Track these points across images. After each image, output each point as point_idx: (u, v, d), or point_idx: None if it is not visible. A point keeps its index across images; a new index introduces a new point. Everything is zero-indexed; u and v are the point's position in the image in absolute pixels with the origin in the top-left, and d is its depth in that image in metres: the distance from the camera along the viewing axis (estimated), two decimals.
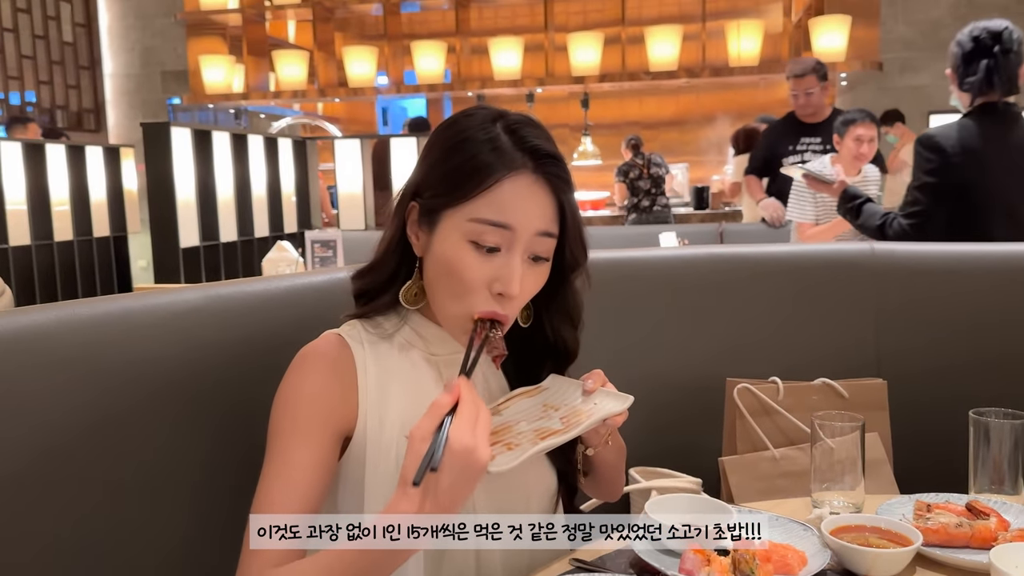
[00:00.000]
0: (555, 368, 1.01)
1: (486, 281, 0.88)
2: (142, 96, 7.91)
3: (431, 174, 0.92)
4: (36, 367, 0.90)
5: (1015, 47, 2.14)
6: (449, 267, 0.89)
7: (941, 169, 2.12)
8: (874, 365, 1.45)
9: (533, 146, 0.90)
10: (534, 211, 0.89)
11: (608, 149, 7.26)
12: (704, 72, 6.10)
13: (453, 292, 0.90)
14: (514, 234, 0.88)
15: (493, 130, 0.90)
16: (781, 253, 1.54)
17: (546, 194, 0.90)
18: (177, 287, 1.11)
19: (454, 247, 0.89)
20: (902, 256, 1.51)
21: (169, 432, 1.01)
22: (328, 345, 0.94)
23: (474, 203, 0.88)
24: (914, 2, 6.74)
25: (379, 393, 0.93)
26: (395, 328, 0.98)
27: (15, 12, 6.92)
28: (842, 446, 1.08)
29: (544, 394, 0.97)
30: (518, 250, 0.88)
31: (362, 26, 7.97)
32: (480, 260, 0.88)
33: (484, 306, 0.89)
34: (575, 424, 0.88)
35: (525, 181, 0.89)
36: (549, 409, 0.93)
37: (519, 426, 0.90)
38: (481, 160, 0.88)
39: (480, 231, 0.88)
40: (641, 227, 4.71)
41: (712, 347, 1.46)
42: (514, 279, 0.88)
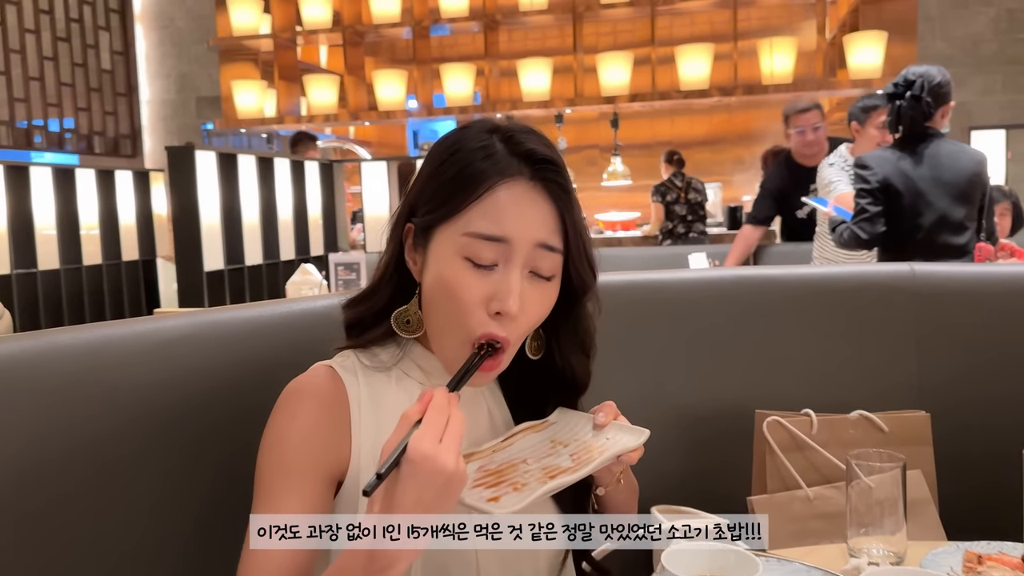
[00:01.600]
0: (564, 400, 0.93)
1: (483, 300, 0.81)
2: (177, 122, 8.02)
3: (425, 190, 0.86)
4: (14, 397, 0.85)
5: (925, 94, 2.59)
6: (444, 287, 0.82)
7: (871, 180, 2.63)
8: (915, 396, 1.35)
9: (528, 150, 0.83)
10: (531, 221, 0.81)
11: (638, 170, 7.18)
12: (737, 90, 6.00)
13: (449, 315, 0.83)
14: (511, 247, 0.81)
15: (488, 139, 0.83)
16: (814, 275, 1.45)
17: (545, 203, 0.83)
18: (163, 314, 1.05)
19: (448, 265, 0.82)
20: (944, 277, 1.41)
21: (155, 467, 0.95)
22: (318, 379, 0.87)
23: (467, 215, 0.81)
24: (952, 18, 6.60)
25: (375, 430, 0.86)
26: (393, 360, 0.90)
27: (55, 41, 7.06)
28: (881, 485, 0.98)
29: (552, 429, 0.89)
30: (516, 264, 0.81)
31: (392, 50, 8.01)
32: (476, 277, 0.81)
33: (482, 327, 0.81)
34: (587, 461, 0.81)
35: (520, 188, 0.82)
36: (558, 445, 0.86)
37: (526, 464, 0.83)
38: (473, 168, 0.81)
39: (474, 246, 0.80)
40: (670, 248, 4.61)
41: (740, 376, 1.37)
42: (511, 294, 0.80)
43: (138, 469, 0.93)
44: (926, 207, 2.60)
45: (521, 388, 0.95)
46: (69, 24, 7.23)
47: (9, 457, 0.83)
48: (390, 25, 6.53)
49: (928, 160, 2.61)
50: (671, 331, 1.39)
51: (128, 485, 0.92)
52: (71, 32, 7.25)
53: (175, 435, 0.97)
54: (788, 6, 6.72)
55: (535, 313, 0.85)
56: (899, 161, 2.62)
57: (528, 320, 0.84)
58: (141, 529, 0.93)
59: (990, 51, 6.62)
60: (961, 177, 2.61)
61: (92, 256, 4.81)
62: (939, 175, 2.60)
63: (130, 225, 5.20)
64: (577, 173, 7.43)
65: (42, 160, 6.34)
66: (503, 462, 0.83)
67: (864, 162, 2.68)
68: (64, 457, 0.87)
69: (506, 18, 6.47)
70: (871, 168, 2.64)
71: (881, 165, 2.63)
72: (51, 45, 7.02)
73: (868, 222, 2.63)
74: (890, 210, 2.62)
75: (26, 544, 0.83)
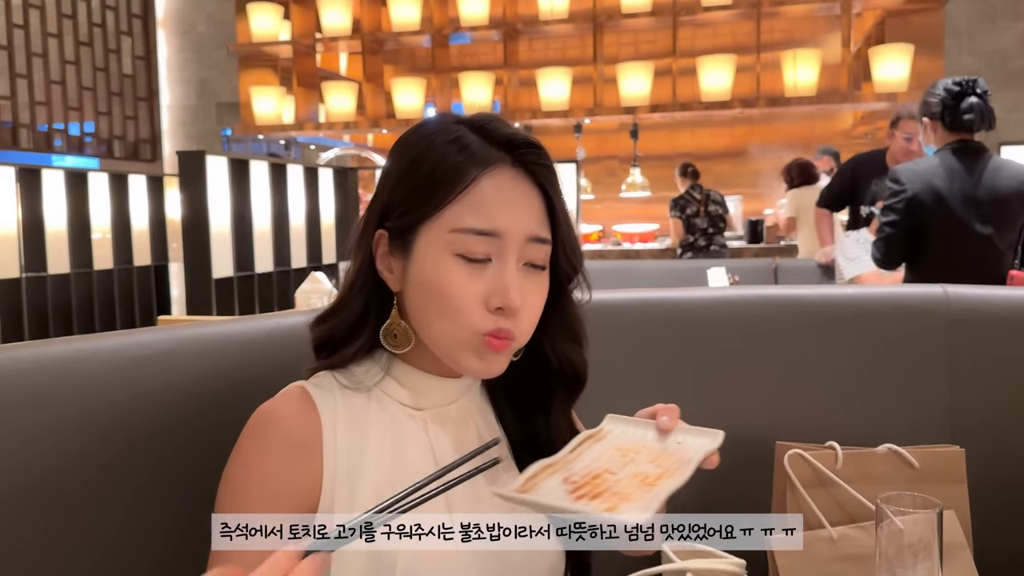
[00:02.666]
0: (567, 397, 0.88)
1: (481, 297, 0.76)
2: (197, 127, 8.04)
3: (396, 193, 0.79)
4: None
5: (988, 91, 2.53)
6: (435, 288, 0.76)
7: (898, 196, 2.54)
8: (948, 429, 1.25)
9: (506, 136, 0.78)
10: (521, 211, 0.77)
11: (658, 181, 7.09)
12: (759, 102, 5.91)
13: (444, 317, 0.77)
14: (503, 241, 0.76)
15: (459, 130, 0.78)
16: (840, 296, 1.36)
17: (531, 189, 0.79)
18: (137, 331, 0.99)
19: (437, 264, 0.76)
20: (980, 300, 1.32)
21: (128, 497, 0.88)
22: (287, 406, 0.79)
23: (452, 210, 0.76)
24: (980, 32, 6.48)
25: (352, 457, 0.78)
26: (372, 379, 0.83)
27: (77, 45, 7.10)
28: (914, 528, 0.90)
29: (611, 438, 0.82)
30: (510, 256, 0.77)
31: (412, 58, 7.99)
32: (469, 274, 0.76)
33: (487, 324, 0.76)
34: (676, 465, 0.75)
35: (505, 176, 0.77)
36: (629, 453, 0.79)
37: (611, 474, 0.75)
38: (451, 162, 0.76)
39: (465, 242, 0.75)
40: (688, 261, 4.53)
41: (759, 404, 1.28)
42: (512, 287, 0.76)
43: (107, 492, 0.87)
44: (957, 228, 2.48)
45: (519, 396, 0.88)
46: (92, 29, 7.27)
47: None
48: (410, 33, 6.51)
49: (965, 176, 2.48)
50: (686, 353, 1.31)
51: (97, 508, 0.86)
52: (93, 37, 7.28)
53: (147, 455, 0.90)
54: (812, 18, 6.63)
55: (535, 304, 0.81)
56: (933, 177, 2.49)
57: (530, 313, 0.80)
58: (112, 551, 0.86)
59: (1019, 66, 6.49)
60: (998, 196, 2.48)
61: (103, 260, 4.79)
62: (974, 193, 2.47)
63: (143, 230, 5.19)
64: (595, 184, 7.35)
65: (62, 163, 6.36)
66: (585, 473, 0.76)
67: (896, 176, 2.55)
68: (24, 487, 0.81)
69: (526, 27, 6.42)
70: (902, 184, 2.52)
71: (913, 182, 2.51)
72: (73, 49, 7.06)
73: (885, 242, 2.54)
74: (918, 228, 2.51)
75: None
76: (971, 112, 2.49)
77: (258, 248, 3.85)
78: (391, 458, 0.80)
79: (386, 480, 0.78)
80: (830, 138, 7.04)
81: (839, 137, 7.17)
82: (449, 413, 0.85)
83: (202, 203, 3.40)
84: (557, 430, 0.88)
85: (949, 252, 2.50)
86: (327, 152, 7.51)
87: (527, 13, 6.53)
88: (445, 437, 0.83)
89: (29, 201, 4.27)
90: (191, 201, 3.42)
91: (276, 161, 3.95)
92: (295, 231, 4.18)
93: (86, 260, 4.64)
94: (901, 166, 2.63)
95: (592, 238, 7.17)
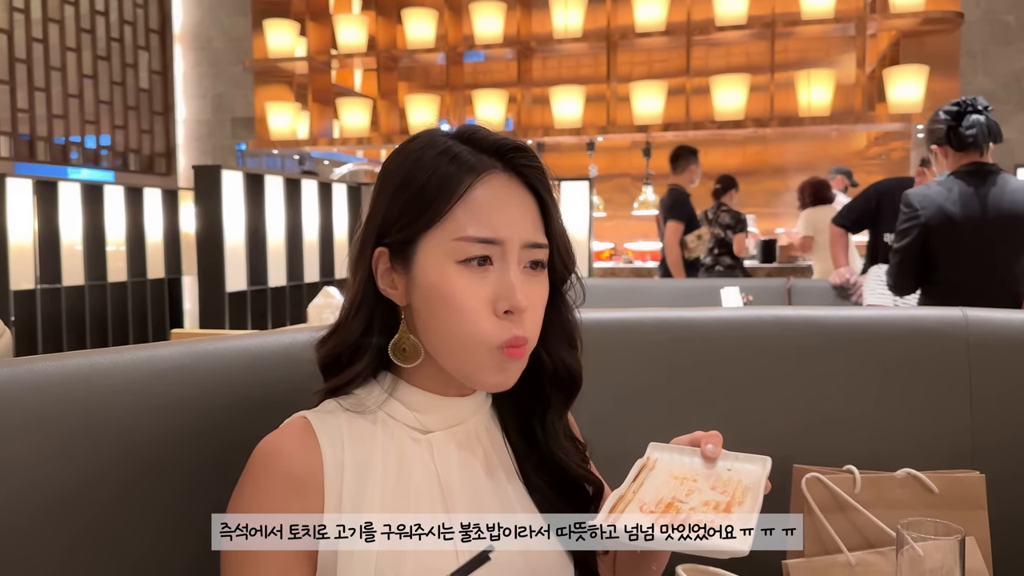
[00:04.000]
0: (563, 401, 0.87)
1: (487, 301, 0.77)
2: (212, 141, 8.09)
3: (391, 209, 0.80)
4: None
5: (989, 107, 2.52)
6: (442, 296, 0.77)
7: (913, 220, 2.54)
8: (968, 454, 1.24)
9: (494, 142, 0.79)
10: (518, 217, 0.78)
11: None
12: (772, 122, 5.91)
13: (452, 324, 0.77)
14: (503, 246, 0.77)
15: (447, 142, 0.80)
16: (860, 318, 1.35)
17: (524, 192, 0.80)
18: (154, 345, 0.99)
19: (440, 273, 0.77)
20: (1001, 325, 1.30)
21: (148, 509, 0.88)
22: (288, 441, 0.79)
23: (451, 219, 0.77)
24: (996, 54, 6.46)
25: (355, 487, 0.78)
26: (377, 402, 0.82)
27: (95, 60, 7.17)
28: (935, 554, 0.88)
29: (662, 465, 0.83)
30: (512, 259, 0.78)
31: (426, 75, 8.03)
32: (473, 279, 0.77)
33: (500, 333, 0.77)
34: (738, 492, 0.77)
35: (498, 181, 0.79)
36: (686, 481, 0.80)
37: (681, 502, 0.77)
38: (443, 172, 0.77)
39: (466, 249, 0.77)
40: (702, 280, 4.51)
41: (776, 428, 1.27)
42: (516, 289, 0.76)
43: (123, 504, 0.86)
44: (969, 251, 2.47)
45: (516, 404, 0.88)
46: (110, 43, 7.35)
47: None
48: (424, 51, 6.55)
49: (977, 199, 2.46)
50: (702, 373, 1.30)
51: (117, 520, 0.85)
52: (111, 51, 7.36)
53: (163, 468, 0.90)
54: (827, 38, 6.63)
55: (540, 304, 0.81)
56: (945, 201, 2.48)
57: (536, 314, 0.80)
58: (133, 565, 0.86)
59: None
60: (1012, 218, 2.46)
61: (117, 273, 4.82)
62: (986, 216, 2.46)
63: (157, 243, 5.21)
64: (607, 201, 7.35)
65: (78, 176, 6.41)
66: (658, 502, 0.77)
67: (908, 201, 2.54)
68: (40, 503, 0.80)
69: (540, 45, 6.45)
70: (914, 209, 2.51)
71: (925, 207, 2.50)
72: (91, 63, 7.13)
73: (897, 267, 2.53)
74: (930, 252, 2.50)
75: None
76: (973, 128, 2.48)
77: (271, 262, 3.86)
78: (394, 486, 0.79)
79: (391, 508, 0.78)
80: (843, 158, 7.03)
81: (853, 157, 7.16)
82: (455, 435, 0.84)
83: (217, 217, 3.41)
84: (553, 437, 0.87)
85: (962, 275, 2.49)
86: (340, 167, 7.55)
87: (541, 32, 6.56)
88: (451, 463, 0.82)
89: (45, 213, 4.30)
90: (206, 215, 3.44)
91: (291, 176, 3.96)
92: (308, 246, 4.19)
93: (100, 272, 4.66)
94: (913, 190, 2.62)
95: (604, 255, 7.16)
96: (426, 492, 0.80)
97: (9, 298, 4.01)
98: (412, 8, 6.56)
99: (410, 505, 0.79)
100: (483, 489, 0.83)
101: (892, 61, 5.97)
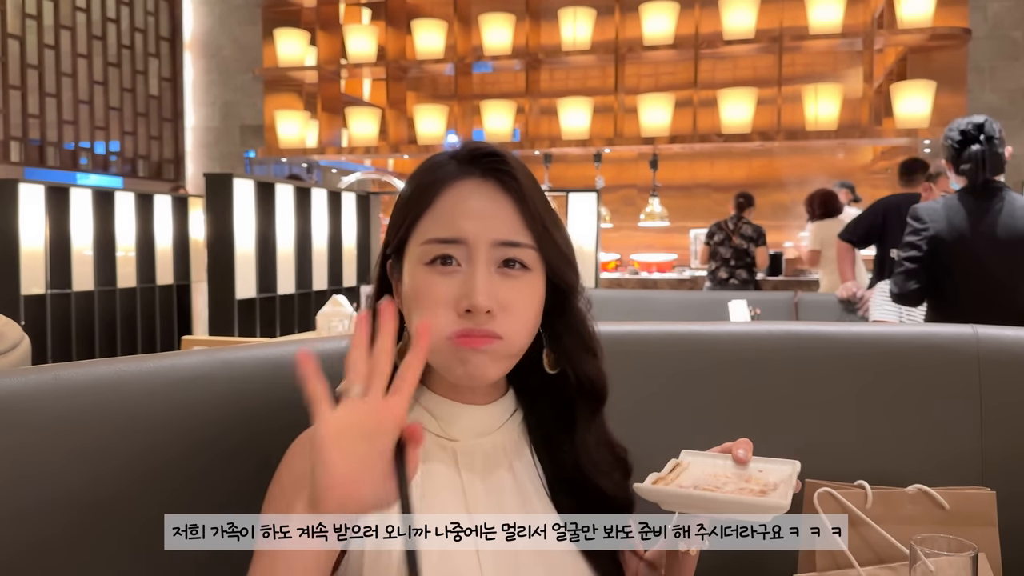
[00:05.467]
0: (590, 413, 0.88)
1: (451, 300, 0.78)
2: (221, 149, 8.13)
3: (391, 223, 0.86)
4: (16, 436, 0.80)
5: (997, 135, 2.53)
6: (415, 298, 0.80)
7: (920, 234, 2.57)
8: (978, 469, 1.25)
9: (471, 150, 0.82)
10: (485, 216, 0.80)
11: (676, 211, 7.11)
12: (779, 135, 5.93)
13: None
14: (468, 247, 0.79)
15: (439, 158, 0.84)
16: (870, 334, 1.36)
17: (502, 197, 0.81)
18: (177, 353, 1.00)
19: (414, 276, 0.81)
20: (1011, 342, 1.31)
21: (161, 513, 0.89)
22: None
23: (422, 225, 0.81)
24: (1002, 70, 6.48)
25: None
26: None
27: (106, 66, 7.22)
28: (947, 570, 0.89)
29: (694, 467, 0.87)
30: (479, 261, 0.79)
31: (434, 85, 8.07)
32: (440, 280, 0.79)
33: (451, 327, 0.78)
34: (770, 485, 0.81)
35: (469, 187, 0.81)
36: (720, 477, 0.84)
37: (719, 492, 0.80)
38: (422, 184, 0.82)
39: (433, 251, 0.79)
40: (709, 293, 4.51)
41: (788, 442, 1.27)
42: (478, 290, 0.77)
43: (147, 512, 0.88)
44: (977, 267, 2.48)
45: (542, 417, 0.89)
46: (120, 50, 7.40)
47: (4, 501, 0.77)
48: (433, 61, 6.59)
49: (988, 217, 2.49)
50: (710, 388, 1.31)
51: (137, 529, 0.87)
52: (122, 58, 7.41)
53: (189, 476, 0.91)
54: (834, 53, 6.66)
55: (520, 304, 0.80)
56: (954, 216, 2.51)
57: (517, 313, 0.80)
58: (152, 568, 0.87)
59: None
60: (1019, 235, 2.47)
61: (127, 279, 4.84)
62: (994, 232, 2.48)
63: (166, 249, 5.24)
64: (613, 212, 7.37)
65: (87, 182, 6.45)
66: (696, 486, 0.81)
67: (917, 214, 2.57)
68: (65, 506, 0.82)
69: (548, 57, 6.49)
70: (923, 222, 2.54)
71: (934, 220, 2.52)
72: (102, 70, 7.18)
73: (904, 276, 2.54)
74: (938, 266, 2.51)
75: None
76: (969, 162, 2.52)
77: (281, 270, 3.88)
78: (421, 490, 0.80)
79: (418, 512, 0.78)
80: (849, 172, 7.04)
81: (858, 172, 7.17)
82: (482, 446, 0.84)
83: (228, 224, 3.44)
84: (584, 451, 0.87)
85: (970, 291, 2.50)
86: (348, 176, 7.58)
87: (549, 44, 6.59)
88: (475, 474, 0.83)
89: (57, 218, 4.32)
90: (217, 222, 3.46)
91: (301, 184, 3.99)
92: (317, 254, 4.21)
93: (110, 278, 4.68)
94: (922, 204, 2.65)
95: (610, 266, 7.17)
96: (450, 497, 0.81)
97: (20, 303, 4.03)
98: (422, 19, 6.61)
99: (434, 507, 0.80)
100: (508, 504, 0.83)
101: (899, 76, 5.99)
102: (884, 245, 3.53)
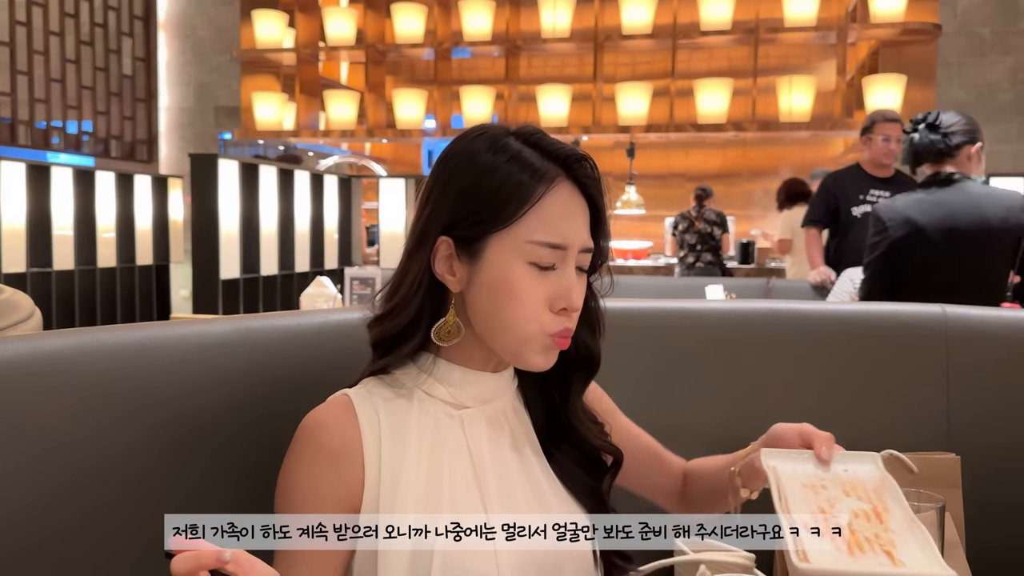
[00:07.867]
0: (583, 380, 0.97)
1: (546, 299, 0.87)
2: (195, 129, 8.07)
3: (461, 204, 0.88)
4: (51, 393, 0.85)
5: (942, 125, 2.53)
6: (507, 290, 0.86)
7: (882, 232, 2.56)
8: (944, 437, 1.34)
9: (560, 152, 0.89)
10: (579, 223, 0.89)
11: (652, 199, 7.20)
12: (753, 126, 6.04)
13: (512, 314, 0.87)
14: (566, 251, 0.87)
15: (513, 147, 0.88)
16: (845, 312, 1.45)
17: (582, 200, 0.90)
18: (208, 318, 1.06)
19: (509, 270, 0.86)
20: (976, 320, 1.41)
21: (187, 474, 0.95)
22: (330, 415, 0.88)
23: (524, 223, 0.86)
24: (970, 65, 6.65)
25: (393, 460, 0.86)
26: (415, 381, 0.91)
27: (79, 44, 7.13)
28: None
29: (787, 478, 0.86)
30: (571, 264, 0.88)
31: (413, 70, 8.07)
32: (538, 280, 0.87)
33: (554, 325, 0.87)
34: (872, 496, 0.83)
35: (566, 191, 0.88)
36: (817, 488, 0.85)
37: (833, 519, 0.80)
38: (516, 180, 0.87)
39: (536, 252, 0.86)
40: (686, 279, 4.61)
41: (764, 412, 1.36)
42: (574, 292, 0.88)
43: (165, 471, 0.93)
44: (940, 259, 2.47)
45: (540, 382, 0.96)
46: (93, 28, 7.31)
47: (35, 455, 0.82)
48: (412, 46, 6.60)
49: (947, 209, 2.47)
50: (690, 365, 1.38)
51: (154, 486, 0.92)
52: (95, 36, 7.32)
53: (210, 437, 0.97)
54: (808, 46, 6.78)
55: (583, 303, 0.91)
56: (912, 212, 2.50)
57: (579, 310, 0.91)
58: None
59: (1007, 99, 6.67)
60: (983, 226, 2.47)
61: (107, 258, 4.83)
62: (956, 227, 2.46)
63: (146, 230, 5.22)
64: None
65: (57, 160, 6.39)
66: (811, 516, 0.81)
67: (877, 215, 2.57)
68: (91, 460, 0.87)
69: (527, 44, 6.53)
70: (883, 223, 2.53)
71: (892, 219, 2.51)
72: (74, 48, 7.09)
73: (868, 281, 2.56)
74: (902, 263, 2.52)
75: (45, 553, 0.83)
76: (904, 149, 2.59)
77: (264, 251, 3.90)
78: (429, 460, 0.87)
79: (424, 484, 0.85)
80: (821, 163, 7.16)
81: (829, 163, 7.29)
82: (485, 413, 0.92)
83: (212, 205, 3.46)
84: (574, 412, 0.97)
85: (933, 282, 2.49)
86: (326, 159, 7.58)
87: (529, 30, 6.63)
88: (481, 439, 0.90)
89: (36, 197, 4.30)
90: (201, 203, 3.48)
91: (285, 166, 4.01)
92: (300, 236, 4.24)
93: (90, 257, 4.67)
94: (882, 204, 2.66)
95: None
96: (459, 465, 0.88)
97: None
98: (401, 3, 6.61)
99: (444, 476, 0.86)
100: (510, 463, 0.91)
101: (871, 70, 6.11)
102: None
